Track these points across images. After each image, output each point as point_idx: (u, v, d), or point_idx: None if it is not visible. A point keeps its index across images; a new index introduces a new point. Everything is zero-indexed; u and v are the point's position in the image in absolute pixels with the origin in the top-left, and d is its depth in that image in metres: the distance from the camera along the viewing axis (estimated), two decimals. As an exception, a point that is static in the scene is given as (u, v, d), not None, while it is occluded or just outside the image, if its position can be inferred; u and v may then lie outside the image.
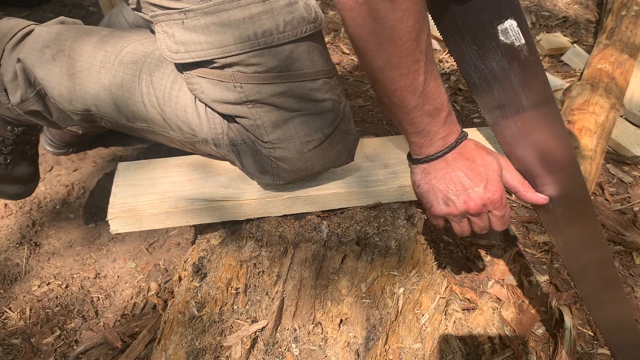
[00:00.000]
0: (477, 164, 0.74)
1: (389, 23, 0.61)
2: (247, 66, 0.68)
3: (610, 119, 1.38)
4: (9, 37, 0.85)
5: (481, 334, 0.90)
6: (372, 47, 0.64)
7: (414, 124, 0.71)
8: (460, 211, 0.74)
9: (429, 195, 0.75)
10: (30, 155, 1.04)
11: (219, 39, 0.67)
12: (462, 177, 0.73)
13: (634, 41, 1.69)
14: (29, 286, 1.03)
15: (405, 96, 0.68)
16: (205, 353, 0.70)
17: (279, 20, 0.66)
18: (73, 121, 0.90)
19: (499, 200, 0.74)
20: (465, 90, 1.66)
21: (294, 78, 0.69)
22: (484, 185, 0.73)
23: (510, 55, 0.73)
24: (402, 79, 0.66)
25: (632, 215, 1.18)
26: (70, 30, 0.86)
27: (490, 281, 1.02)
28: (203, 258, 0.81)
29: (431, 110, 0.70)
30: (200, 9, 0.66)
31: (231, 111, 0.73)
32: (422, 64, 0.66)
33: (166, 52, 0.71)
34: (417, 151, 0.75)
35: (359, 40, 0.64)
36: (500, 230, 0.78)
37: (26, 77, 0.85)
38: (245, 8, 0.65)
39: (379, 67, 0.66)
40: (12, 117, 0.93)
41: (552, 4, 2.16)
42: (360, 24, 0.62)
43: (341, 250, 0.78)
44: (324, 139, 0.73)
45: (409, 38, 0.63)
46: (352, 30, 0.64)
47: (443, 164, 0.74)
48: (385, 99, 0.70)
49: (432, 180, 0.75)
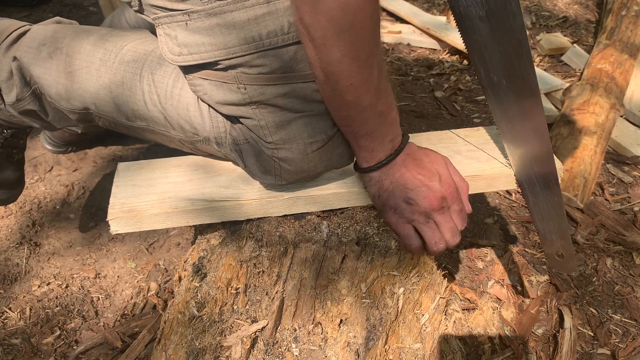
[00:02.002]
0: (425, 162, 0.73)
1: (352, 9, 0.58)
2: (251, 67, 0.68)
3: (610, 119, 1.38)
4: (3, 37, 0.85)
5: (481, 334, 0.90)
6: (330, 36, 0.60)
7: (366, 125, 0.69)
8: (423, 208, 0.72)
9: (390, 201, 0.74)
10: (17, 160, 1.02)
11: (223, 40, 0.66)
12: (417, 175, 0.72)
13: (634, 41, 1.69)
14: (29, 286, 1.03)
15: (360, 92, 0.65)
16: (205, 353, 0.70)
17: (284, 21, 0.65)
18: (69, 121, 0.89)
19: (455, 192, 0.73)
20: (465, 90, 1.66)
21: (297, 79, 0.69)
22: (438, 179, 0.72)
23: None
24: (359, 72, 0.63)
25: (632, 215, 1.18)
26: (68, 29, 0.85)
27: (490, 281, 1.02)
28: (203, 258, 0.81)
29: (382, 110, 0.68)
30: (205, 10, 0.65)
31: (235, 112, 0.73)
32: (377, 58, 0.64)
33: (168, 55, 0.71)
34: (368, 157, 0.73)
35: (317, 30, 0.60)
36: (462, 228, 0.76)
37: (22, 76, 0.84)
38: (249, 9, 0.64)
39: (336, 60, 0.62)
40: (3, 118, 0.91)
41: (552, 4, 2.16)
42: (321, 10, 0.58)
43: (341, 250, 0.78)
44: (328, 140, 0.73)
45: (369, 27, 0.60)
46: (308, 19, 0.59)
47: (395, 167, 0.72)
48: (338, 98, 0.67)
49: (389, 187, 0.73)
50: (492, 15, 0.66)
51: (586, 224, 1.14)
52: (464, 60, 1.80)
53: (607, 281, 1.03)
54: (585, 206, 1.19)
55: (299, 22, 0.61)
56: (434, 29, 1.84)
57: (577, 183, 1.19)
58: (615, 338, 0.93)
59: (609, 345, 0.92)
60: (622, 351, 0.90)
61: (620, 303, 0.99)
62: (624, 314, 0.97)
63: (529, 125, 0.75)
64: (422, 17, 1.94)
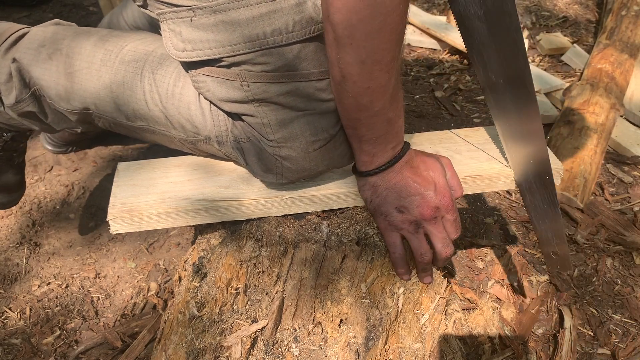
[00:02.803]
0: (422, 170, 0.73)
1: (385, 10, 0.56)
2: (254, 65, 0.68)
3: (610, 119, 1.38)
4: (2, 39, 0.85)
5: (481, 334, 0.90)
6: (358, 36, 0.58)
7: (373, 130, 0.68)
8: (415, 217, 0.72)
9: (382, 207, 0.74)
10: (17, 164, 1.03)
11: (228, 37, 0.66)
12: (412, 184, 0.71)
13: (634, 41, 1.69)
14: (29, 286, 1.03)
15: (375, 97, 0.64)
16: (205, 353, 0.70)
17: (288, 19, 0.65)
18: (68, 123, 0.89)
19: (450, 202, 0.73)
20: (465, 90, 1.66)
21: (301, 78, 0.69)
22: (433, 188, 0.72)
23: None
24: (379, 75, 0.62)
25: (632, 215, 1.18)
26: (68, 30, 0.85)
27: (490, 281, 1.02)
28: (203, 258, 0.81)
29: (391, 117, 0.68)
30: (210, 7, 0.65)
31: (237, 109, 0.73)
32: (398, 63, 0.63)
33: (172, 51, 0.71)
34: (368, 162, 0.72)
35: (345, 29, 0.57)
36: (455, 238, 0.76)
37: (21, 78, 0.83)
38: (254, 7, 0.64)
39: (359, 61, 0.60)
40: (3, 121, 0.91)
41: (552, 4, 2.16)
42: (352, 8, 0.56)
43: (341, 250, 0.78)
44: (330, 139, 0.73)
45: (398, 29, 0.59)
46: (339, 17, 0.57)
47: (392, 174, 0.72)
48: (350, 100, 0.65)
49: (382, 192, 0.73)
50: (489, 15, 0.66)
51: (586, 224, 1.14)
52: (464, 60, 1.80)
53: (607, 281, 1.03)
54: (585, 206, 1.19)
55: (326, 19, 0.59)
56: (434, 29, 1.84)
57: (577, 183, 1.19)
58: (615, 338, 0.93)
59: (609, 345, 0.92)
60: (622, 351, 0.90)
61: (620, 303, 0.99)
62: (624, 314, 0.97)
63: (525, 124, 0.75)
64: (422, 17, 1.94)
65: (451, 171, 0.76)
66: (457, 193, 0.76)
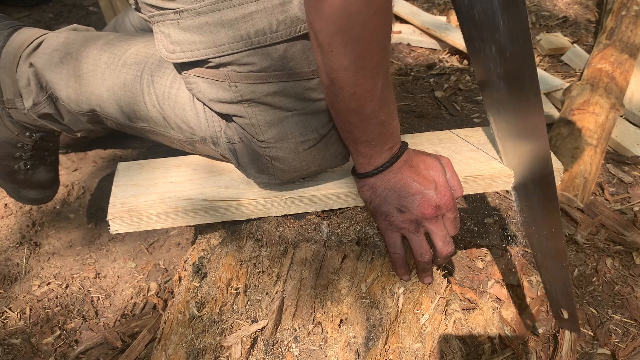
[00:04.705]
0: (422, 169, 0.73)
1: (362, 19, 0.57)
2: (241, 65, 0.68)
3: (610, 119, 1.38)
4: (25, 46, 0.88)
5: (481, 334, 0.90)
6: (338, 44, 0.59)
7: (366, 132, 0.69)
8: (416, 216, 0.72)
9: (382, 207, 0.74)
10: (50, 162, 1.05)
11: (213, 38, 0.67)
12: (412, 183, 0.71)
13: (634, 41, 1.69)
14: (29, 286, 1.03)
15: (363, 101, 0.65)
16: (205, 353, 0.70)
17: (272, 19, 0.65)
18: (83, 124, 0.92)
19: (451, 201, 0.73)
20: (465, 90, 1.66)
21: (288, 77, 0.69)
22: (433, 187, 0.72)
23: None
24: (364, 81, 0.62)
25: (632, 215, 1.18)
26: (79, 35, 0.88)
27: (490, 281, 1.02)
28: (203, 258, 0.81)
29: (384, 119, 0.68)
30: (194, 9, 0.66)
31: (227, 110, 0.73)
32: (383, 68, 0.63)
33: (163, 52, 0.72)
34: (365, 163, 0.73)
35: (325, 37, 0.59)
36: (454, 235, 0.76)
37: (38, 82, 0.87)
38: (238, 7, 0.65)
39: (343, 68, 0.61)
40: (29, 122, 0.95)
41: (552, 4, 2.16)
42: (329, 18, 0.57)
43: (341, 250, 0.78)
44: (320, 138, 0.73)
45: (377, 39, 0.60)
46: (318, 25, 0.58)
47: (391, 174, 0.72)
48: (340, 104, 0.66)
49: (382, 193, 0.73)
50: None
51: (586, 224, 1.14)
52: (464, 60, 1.80)
53: (607, 281, 1.03)
54: (585, 206, 1.18)
55: (309, 25, 0.60)
56: (434, 29, 1.84)
57: (577, 183, 1.19)
58: (615, 338, 0.93)
59: (609, 345, 0.92)
60: (622, 351, 0.90)
61: (620, 303, 0.99)
62: (624, 314, 0.97)
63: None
64: (422, 17, 1.94)
65: (451, 171, 0.76)
66: (457, 193, 0.76)
